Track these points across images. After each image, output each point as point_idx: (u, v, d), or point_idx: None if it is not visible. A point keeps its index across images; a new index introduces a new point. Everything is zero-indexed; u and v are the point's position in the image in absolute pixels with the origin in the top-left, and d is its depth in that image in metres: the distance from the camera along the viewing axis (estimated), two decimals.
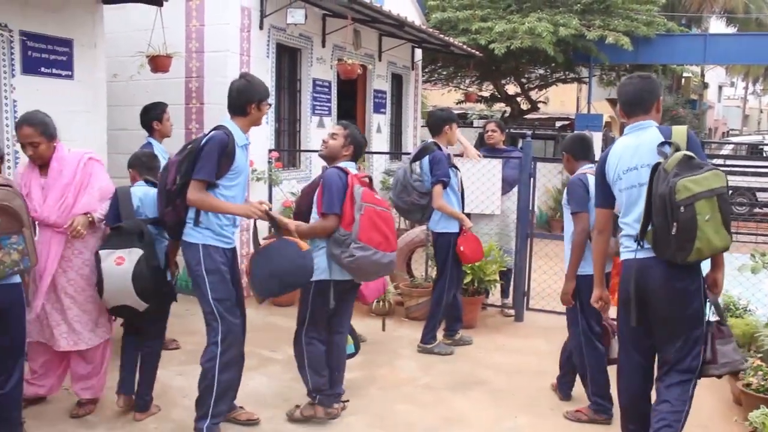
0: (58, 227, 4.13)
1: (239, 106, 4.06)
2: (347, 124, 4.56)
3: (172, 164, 3.97)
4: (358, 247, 4.10)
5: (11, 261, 3.47)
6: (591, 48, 13.22)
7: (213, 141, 3.88)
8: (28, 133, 4.05)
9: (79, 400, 4.51)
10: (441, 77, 17.29)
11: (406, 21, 8.79)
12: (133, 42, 6.91)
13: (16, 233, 3.48)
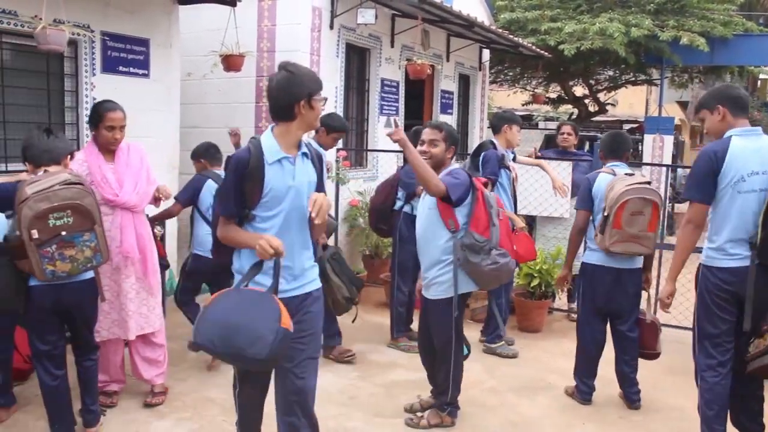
0: (137, 210, 4.31)
1: (283, 107, 2.98)
2: (440, 124, 4.26)
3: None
4: (500, 254, 4.01)
5: (84, 258, 3.57)
6: (664, 49, 12.87)
7: (231, 163, 3.01)
8: (120, 117, 4.22)
9: (153, 388, 4.63)
10: (507, 78, 17.12)
11: (475, 21, 8.74)
12: (207, 42, 7.06)
13: (89, 231, 3.57)
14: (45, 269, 3.43)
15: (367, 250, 7.90)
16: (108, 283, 4.28)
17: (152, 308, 4.52)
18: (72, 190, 3.49)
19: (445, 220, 4.04)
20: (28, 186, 3.42)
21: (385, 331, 6.28)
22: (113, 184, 4.20)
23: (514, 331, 6.39)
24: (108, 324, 4.37)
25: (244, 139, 7.38)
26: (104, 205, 4.12)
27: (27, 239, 3.36)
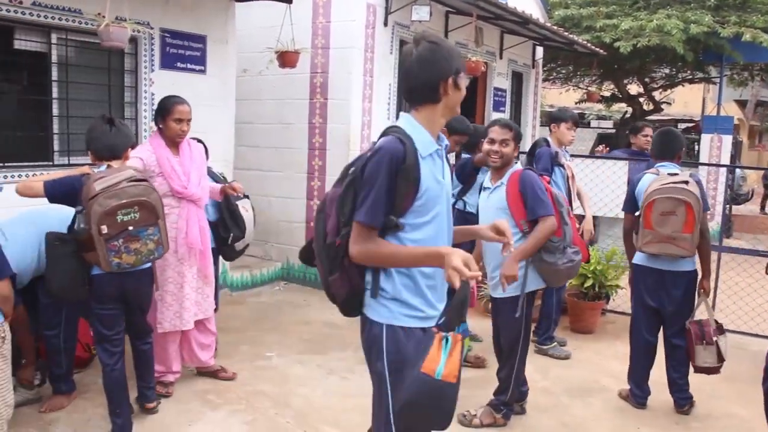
0: (201, 203, 4.53)
1: (426, 85, 2.44)
2: (509, 123, 4.22)
3: (331, 202, 2.53)
4: (575, 252, 4.10)
5: (147, 250, 3.74)
6: (724, 46, 12.50)
7: (377, 158, 2.38)
8: (187, 110, 4.41)
9: (216, 371, 4.91)
10: (560, 76, 16.90)
11: (530, 18, 8.64)
12: (262, 38, 7.12)
13: (153, 225, 3.73)
14: (111, 261, 3.59)
15: None
16: (172, 275, 4.48)
17: (206, 296, 4.74)
18: (139, 187, 3.66)
19: (517, 221, 4.04)
20: (95, 182, 3.55)
21: None
22: (182, 177, 4.38)
23: (566, 332, 6.32)
24: (170, 316, 4.54)
25: (297, 134, 7.44)
26: (171, 197, 4.33)
27: (96, 234, 3.51)
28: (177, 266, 4.50)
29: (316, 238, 2.58)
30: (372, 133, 7.48)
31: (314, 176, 7.49)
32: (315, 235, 2.59)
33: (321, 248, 2.54)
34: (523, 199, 4.02)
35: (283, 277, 7.85)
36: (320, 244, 2.55)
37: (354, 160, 2.52)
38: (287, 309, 6.83)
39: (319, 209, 2.60)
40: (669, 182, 4.41)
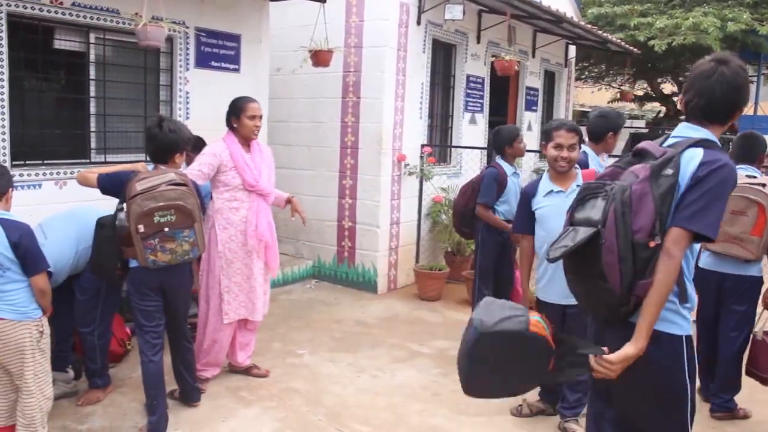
0: (268, 198, 4.76)
1: (729, 108, 2.48)
2: (574, 126, 4.03)
3: (639, 199, 2.39)
4: None
5: (182, 251, 3.86)
6: (763, 44, 12.33)
7: (727, 170, 2.37)
8: (258, 107, 4.65)
9: (248, 368, 4.99)
10: (592, 75, 16.76)
11: (564, 17, 8.57)
12: (295, 37, 7.15)
13: (189, 227, 3.84)
14: (147, 258, 3.76)
15: (449, 247, 7.87)
16: (240, 267, 4.68)
17: (267, 292, 4.94)
18: (177, 191, 3.79)
19: None
20: (137, 182, 3.73)
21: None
22: (254, 171, 4.61)
23: None
24: (236, 306, 4.71)
25: (329, 133, 7.46)
26: (242, 191, 4.59)
27: (134, 232, 3.69)
28: (245, 259, 4.69)
29: (617, 234, 2.36)
30: (404, 132, 7.47)
31: (345, 175, 7.50)
32: (616, 232, 2.36)
33: (625, 246, 2.36)
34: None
35: (315, 275, 7.87)
36: (625, 240, 2.36)
37: (662, 162, 2.40)
38: (318, 307, 6.86)
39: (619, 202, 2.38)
40: (746, 182, 4.31)
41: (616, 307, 2.40)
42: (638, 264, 2.34)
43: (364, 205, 7.39)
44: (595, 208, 2.47)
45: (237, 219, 4.61)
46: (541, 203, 4.06)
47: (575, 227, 2.51)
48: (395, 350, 5.68)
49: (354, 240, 7.51)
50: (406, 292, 7.57)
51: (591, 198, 2.54)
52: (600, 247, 2.37)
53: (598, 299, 2.47)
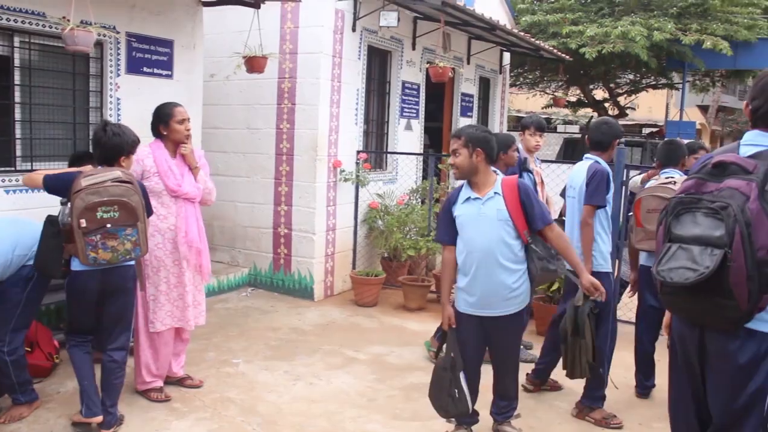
0: (195, 201, 4.66)
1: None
2: (458, 131, 3.96)
3: (759, 215, 2.45)
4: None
5: (124, 249, 3.88)
6: (686, 53, 12.76)
7: None
8: (185, 110, 4.62)
9: (182, 379, 4.90)
10: (527, 81, 17.08)
11: (497, 24, 8.71)
12: (230, 43, 7.11)
13: (132, 226, 3.87)
14: (88, 255, 3.77)
15: (385, 253, 7.91)
16: (166, 276, 4.60)
17: (200, 302, 4.84)
18: (121, 187, 3.84)
19: (521, 231, 3.84)
20: (83, 178, 3.79)
21: (403, 333, 6.31)
22: (177, 176, 4.54)
23: (532, 336, 6.37)
24: (162, 315, 4.62)
25: (264, 139, 7.42)
26: (167, 196, 4.51)
27: (75, 227, 3.73)
28: (173, 267, 4.61)
29: (745, 255, 2.42)
30: (339, 139, 7.49)
31: (281, 181, 7.47)
32: (744, 253, 2.42)
33: (752, 266, 2.42)
34: (524, 208, 3.83)
35: (251, 283, 7.81)
36: (752, 260, 2.42)
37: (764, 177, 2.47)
38: (254, 315, 6.81)
39: (743, 222, 2.43)
40: (660, 182, 4.70)
41: (738, 321, 2.50)
42: (763, 280, 2.41)
43: (300, 211, 7.37)
44: (701, 225, 2.52)
45: (165, 227, 4.53)
46: (459, 211, 3.97)
47: (684, 246, 2.55)
48: (331, 357, 5.68)
49: (290, 247, 7.48)
50: (342, 298, 7.58)
51: (686, 212, 2.59)
52: (727, 267, 2.41)
53: (717, 314, 2.53)
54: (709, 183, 2.60)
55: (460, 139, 3.86)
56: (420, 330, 6.47)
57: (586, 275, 4.04)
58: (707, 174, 2.64)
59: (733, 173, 2.56)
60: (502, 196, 3.85)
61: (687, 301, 2.60)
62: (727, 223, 2.44)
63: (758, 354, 2.53)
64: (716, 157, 2.65)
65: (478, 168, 3.88)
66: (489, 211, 3.85)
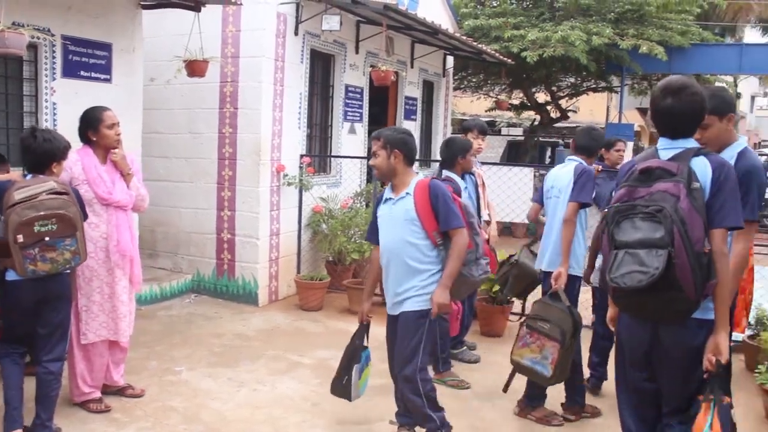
0: (127, 209, 4.54)
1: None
2: (377, 133, 4.01)
3: (689, 213, 2.75)
4: (487, 262, 4.07)
5: (64, 260, 3.81)
6: (624, 57, 13.11)
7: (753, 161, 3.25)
8: (115, 115, 4.54)
9: (122, 388, 4.79)
10: (471, 84, 17.24)
11: (439, 28, 8.80)
12: (171, 46, 7.00)
13: (70, 236, 3.80)
14: (26, 268, 3.68)
15: (330, 257, 7.91)
16: (100, 286, 4.48)
17: (133, 311, 4.75)
18: (58, 200, 3.76)
19: (429, 233, 3.83)
20: (16, 191, 3.67)
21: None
22: (108, 184, 4.42)
23: (476, 336, 6.45)
24: (95, 326, 4.50)
25: (207, 143, 7.35)
26: (98, 204, 4.39)
27: (12, 242, 3.62)
28: (106, 277, 4.50)
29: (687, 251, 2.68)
30: (283, 143, 7.46)
31: (224, 186, 7.40)
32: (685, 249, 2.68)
33: (693, 259, 2.69)
34: (434, 209, 3.83)
35: (194, 290, 7.71)
36: (692, 254, 2.69)
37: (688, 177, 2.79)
38: (198, 321, 6.73)
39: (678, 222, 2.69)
40: None
41: (688, 311, 2.78)
42: (703, 270, 2.71)
43: (244, 216, 7.32)
44: (641, 229, 2.75)
45: (97, 235, 4.41)
46: (380, 211, 4.06)
47: (630, 251, 2.77)
48: (276, 362, 5.66)
49: (234, 252, 7.42)
50: (287, 303, 7.55)
51: (625, 219, 2.83)
52: (672, 265, 2.66)
53: (670, 308, 2.79)
54: (640, 189, 2.85)
55: (379, 140, 3.93)
56: None
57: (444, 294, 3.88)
58: (636, 180, 2.89)
59: (659, 177, 2.83)
60: (412, 197, 3.87)
61: (641, 302, 2.82)
62: (665, 224, 2.68)
63: (706, 340, 2.84)
64: (640, 164, 2.92)
65: (396, 169, 3.94)
66: (398, 211, 3.91)
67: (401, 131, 4.01)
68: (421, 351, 3.89)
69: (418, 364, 3.88)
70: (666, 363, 2.94)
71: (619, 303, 3.01)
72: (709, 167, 2.84)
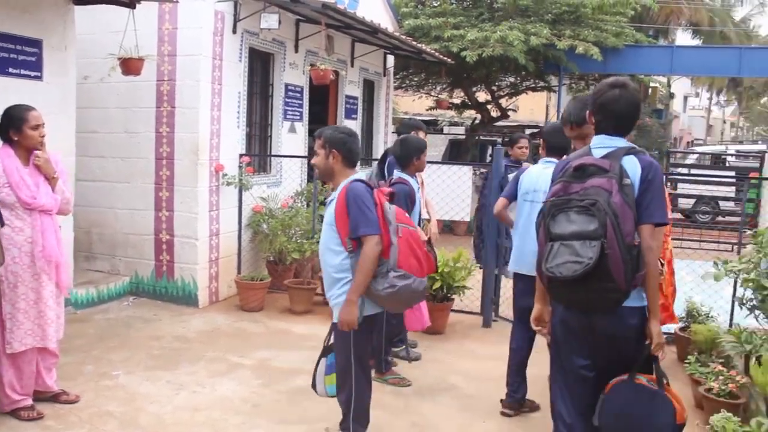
0: (53, 213, 4.38)
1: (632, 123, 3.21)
2: (319, 131, 3.93)
3: (622, 207, 2.93)
4: (399, 276, 3.62)
5: None
6: (561, 57, 13.39)
7: (659, 168, 3.10)
8: (40, 115, 4.32)
9: (56, 395, 4.66)
10: (412, 84, 17.35)
11: (379, 27, 8.83)
12: (106, 43, 6.84)
13: None
14: None
15: (271, 256, 7.86)
16: (25, 292, 4.30)
17: (61, 315, 4.59)
18: None
19: (343, 238, 3.72)
20: None
21: (289, 337, 6.30)
22: (31, 188, 4.26)
23: (416, 334, 6.49)
24: (21, 334, 4.32)
25: (144, 142, 7.22)
26: (20, 209, 4.23)
27: None
28: (32, 282, 4.32)
29: (618, 243, 2.86)
30: (221, 142, 7.38)
31: (162, 186, 7.28)
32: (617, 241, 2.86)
33: (624, 250, 2.87)
34: (348, 215, 3.69)
35: (132, 292, 7.56)
36: (623, 246, 2.87)
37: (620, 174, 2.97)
38: (136, 324, 6.61)
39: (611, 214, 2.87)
40: None
41: (618, 300, 2.95)
42: (633, 262, 2.89)
43: (182, 217, 7.22)
44: (575, 222, 2.93)
45: (21, 239, 4.24)
46: None
47: (565, 243, 2.93)
48: (216, 364, 5.60)
49: (172, 253, 7.30)
50: (228, 303, 7.47)
51: (560, 213, 3.00)
52: (605, 255, 2.83)
53: (603, 297, 2.95)
54: (574, 184, 3.02)
55: (320, 139, 3.87)
56: (306, 333, 6.47)
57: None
58: (570, 177, 3.06)
59: (592, 173, 3.01)
60: (335, 200, 3.80)
61: (575, 291, 2.97)
62: (599, 217, 2.86)
63: (637, 324, 3.07)
64: (575, 161, 3.09)
65: (333, 169, 3.86)
66: (326, 214, 3.86)
67: (343, 131, 3.92)
68: (353, 379, 3.82)
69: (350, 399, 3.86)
70: (603, 349, 3.12)
71: (555, 294, 3.14)
72: (639, 166, 3.02)
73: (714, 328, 5.54)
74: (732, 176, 16.55)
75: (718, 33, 29.83)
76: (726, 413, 4.03)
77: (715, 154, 20.83)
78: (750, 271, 4.48)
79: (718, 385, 4.57)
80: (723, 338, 5.00)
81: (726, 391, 4.51)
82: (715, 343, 5.30)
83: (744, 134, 57.20)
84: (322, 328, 5.87)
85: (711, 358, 5.17)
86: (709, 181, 15.42)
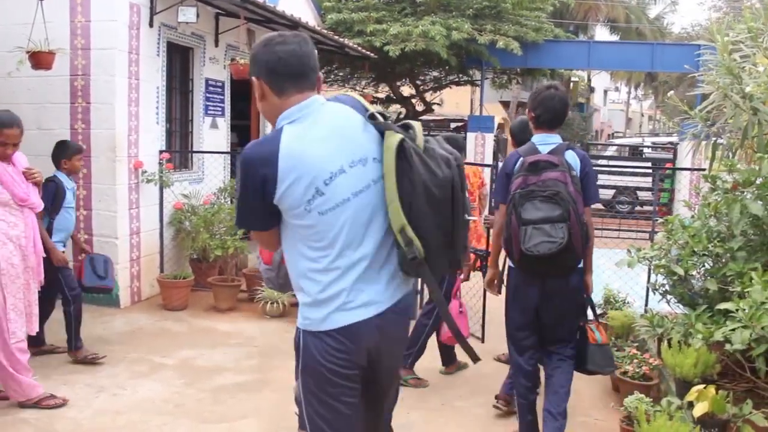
0: (36, 211, 4.59)
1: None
2: None
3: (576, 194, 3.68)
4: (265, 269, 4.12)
5: None
6: (482, 52, 13.59)
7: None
8: (17, 134, 4.45)
9: None
10: (338, 78, 17.34)
11: (300, 22, 8.78)
12: (13, 36, 6.57)
13: None
14: None
15: (194, 254, 7.72)
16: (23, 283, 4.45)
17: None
18: None
19: None
20: None
21: (213, 335, 6.21)
22: (22, 185, 4.39)
23: None
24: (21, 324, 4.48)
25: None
26: (13, 205, 4.36)
27: None
28: (24, 274, 4.44)
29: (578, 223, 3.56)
30: (140, 138, 7.20)
31: (79, 185, 7.04)
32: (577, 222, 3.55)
33: (581, 228, 3.57)
34: None
35: None
36: (580, 225, 3.57)
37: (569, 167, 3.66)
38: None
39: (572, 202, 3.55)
40: None
41: (575, 265, 3.71)
42: (584, 236, 3.61)
43: (101, 215, 7.01)
44: (541, 209, 3.54)
45: (15, 234, 4.37)
46: None
47: (536, 226, 3.53)
48: (138, 365, 5.48)
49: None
50: (150, 303, 7.31)
51: (527, 201, 3.59)
52: (570, 234, 3.50)
53: (564, 264, 3.63)
54: (530, 177, 3.65)
55: None
56: (231, 330, 6.40)
57: None
58: (526, 171, 3.69)
59: (545, 168, 3.64)
60: None
61: (545, 263, 3.58)
62: (563, 205, 3.51)
63: (580, 281, 3.82)
64: (528, 158, 3.71)
65: None
66: None
67: None
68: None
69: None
70: (555, 306, 3.78)
71: (527, 266, 3.68)
72: (578, 159, 3.75)
73: (630, 313, 5.74)
74: (648, 167, 17.12)
75: (634, 30, 30.87)
76: (639, 394, 4.18)
77: (633, 146, 21.55)
78: (661, 258, 4.65)
79: (632, 368, 4.74)
80: (637, 323, 5.18)
81: (640, 373, 4.69)
82: (631, 328, 5.50)
83: (661, 127, 59.35)
84: (247, 325, 5.84)
85: (627, 343, 5.36)
86: (628, 173, 15.95)
